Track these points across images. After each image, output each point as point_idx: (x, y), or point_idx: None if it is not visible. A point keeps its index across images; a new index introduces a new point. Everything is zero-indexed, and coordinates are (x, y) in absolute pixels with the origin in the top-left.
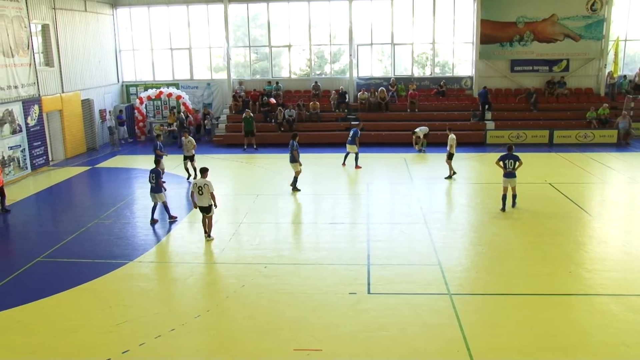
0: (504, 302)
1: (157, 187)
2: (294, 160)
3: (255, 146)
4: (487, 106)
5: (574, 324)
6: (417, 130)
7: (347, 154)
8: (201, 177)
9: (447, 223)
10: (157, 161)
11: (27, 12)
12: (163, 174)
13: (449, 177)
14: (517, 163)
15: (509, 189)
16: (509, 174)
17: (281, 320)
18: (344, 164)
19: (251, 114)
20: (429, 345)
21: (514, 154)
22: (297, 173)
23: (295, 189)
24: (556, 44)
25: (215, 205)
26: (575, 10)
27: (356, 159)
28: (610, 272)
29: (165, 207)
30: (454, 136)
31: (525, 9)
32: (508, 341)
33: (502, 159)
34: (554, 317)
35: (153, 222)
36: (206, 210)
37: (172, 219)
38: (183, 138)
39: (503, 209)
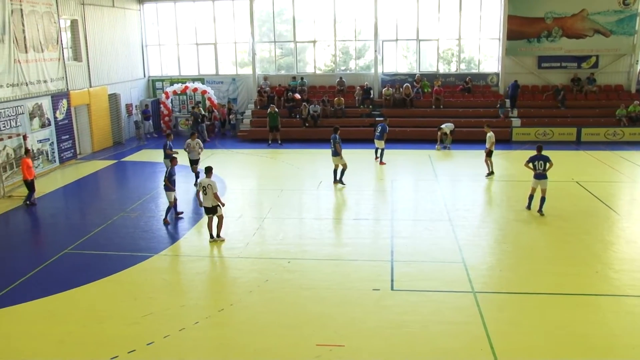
0: (529, 301)
1: (165, 186)
2: (337, 154)
3: (279, 141)
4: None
5: (601, 325)
6: (443, 126)
7: (377, 149)
8: (206, 176)
9: (472, 220)
10: (173, 159)
11: (57, 8)
12: (171, 175)
13: (491, 174)
14: (548, 164)
15: (538, 190)
16: (539, 175)
17: (304, 315)
18: (376, 158)
19: (276, 109)
20: (452, 343)
21: (544, 154)
22: (344, 166)
23: (341, 181)
24: (585, 39)
25: (223, 204)
26: (607, 5)
27: (381, 155)
28: None
29: (168, 207)
30: (492, 134)
31: (554, 5)
32: (532, 340)
33: (531, 160)
34: (580, 318)
35: (177, 215)
36: (211, 211)
37: (166, 222)
38: (189, 140)
39: (528, 207)
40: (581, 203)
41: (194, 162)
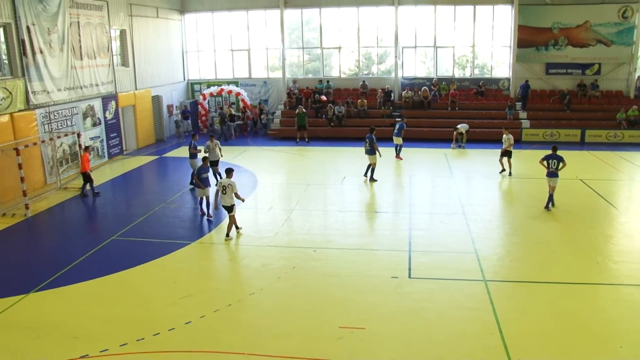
0: (535, 289)
1: (195, 183)
2: (373, 152)
3: (307, 139)
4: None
5: (601, 312)
6: (458, 126)
7: (396, 145)
8: (226, 177)
9: (484, 215)
10: (204, 158)
11: (109, 20)
12: (200, 173)
13: (505, 172)
14: (561, 164)
15: (550, 187)
16: (551, 174)
17: (328, 300)
18: (397, 156)
19: (304, 110)
20: (465, 327)
21: (558, 154)
22: (374, 164)
23: (372, 179)
24: (589, 48)
25: (243, 200)
26: (608, 17)
27: (399, 150)
28: (636, 264)
29: (200, 201)
30: (511, 136)
31: (560, 16)
32: (539, 325)
33: (546, 158)
34: (583, 305)
35: (202, 214)
36: (228, 210)
37: (202, 214)
38: (209, 142)
39: (552, 205)
40: (585, 199)
41: (213, 164)
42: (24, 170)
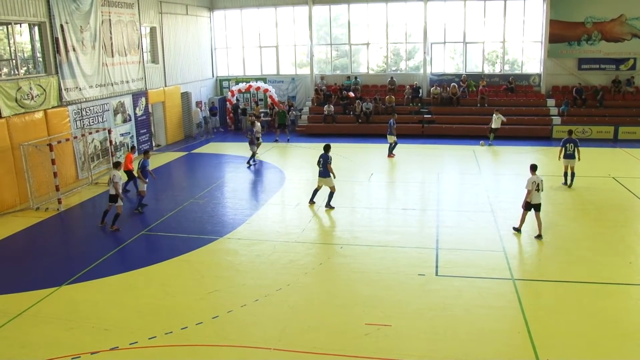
0: (564, 288)
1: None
2: (327, 174)
3: (288, 139)
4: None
5: (633, 312)
6: (494, 117)
7: (390, 144)
8: (116, 169)
9: (513, 212)
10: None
11: (139, 17)
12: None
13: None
14: (576, 148)
15: (569, 167)
16: (569, 156)
17: (355, 297)
18: (390, 154)
19: (284, 109)
20: (492, 325)
21: (574, 138)
22: (333, 189)
23: (329, 205)
24: (623, 43)
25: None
26: None
27: (391, 148)
28: None
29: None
30: (500, 115)
31: (593, 10)
32: (567, 325)
33: (563, 143)
34: (614, 305)
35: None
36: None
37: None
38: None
39: (565, 183)
40: (617, 197)
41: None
42: (57, 166)
